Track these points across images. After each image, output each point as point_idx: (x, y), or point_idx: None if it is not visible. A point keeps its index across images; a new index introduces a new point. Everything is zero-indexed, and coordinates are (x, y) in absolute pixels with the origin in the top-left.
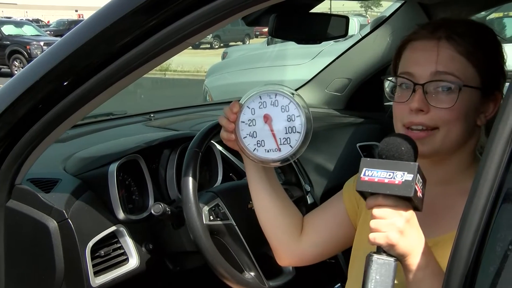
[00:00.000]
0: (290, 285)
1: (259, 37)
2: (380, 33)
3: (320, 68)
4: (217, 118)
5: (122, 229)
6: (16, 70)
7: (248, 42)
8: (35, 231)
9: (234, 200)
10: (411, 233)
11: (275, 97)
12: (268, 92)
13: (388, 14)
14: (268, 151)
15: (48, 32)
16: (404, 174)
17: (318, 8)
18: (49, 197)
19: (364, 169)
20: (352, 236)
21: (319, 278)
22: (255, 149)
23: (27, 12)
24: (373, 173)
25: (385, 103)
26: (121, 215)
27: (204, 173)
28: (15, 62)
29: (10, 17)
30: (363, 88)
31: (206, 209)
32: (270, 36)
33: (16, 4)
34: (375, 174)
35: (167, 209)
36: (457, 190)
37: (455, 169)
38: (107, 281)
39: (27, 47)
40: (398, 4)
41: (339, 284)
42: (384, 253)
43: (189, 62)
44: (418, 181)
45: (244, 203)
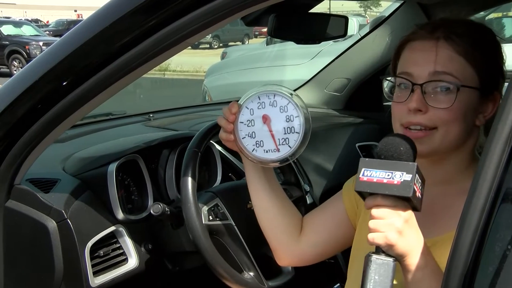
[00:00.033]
0: (290, 285)
1: (258, 37)
2: (379, 33)
3: (319, 68)
4: (216, 118)
5: (121, 229)
6: (15, 70)
7: (247, 42)
8: (34, 231)
9: (233, 200)
10: (410, 233)
11: (274, 98)
12: (267, 93)
13: (387, 14)
14: (267, 152)
15: (47, 32)
16: (403, 174)
17: (317, 8)
18: (48, 197)
19: (363, 169)
20: (352, 236)
21: (319, 278)
22: (254, 150)
23: (26, 12)
24: (372, 173)
25: (384, 103)
26: (120, 215)
27: (203, 173)
28: (14, 62)
29: (9, 17)
30: (362, 88)
31: (205, 209)
32: (269, 36)
33: (15, 4)
34: (374, 174)
35: (166, 209)
36: (456, 190)
37: (454, 169)
38: (106, 281)
39: (26, 47)
40: (397, 4)
41: (338, 284)
42: (383, 253)
43: (188, 62)
44: (417, 181)
45: (243, 203)
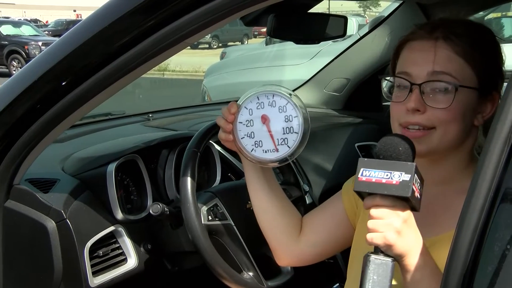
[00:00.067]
0: (289, 285)
1: (258, 37)
2: (379, 33)
3: (319, 68)
4: (215, 119)
5: (121, 229)
6: (14, 70)
7: (247, 42)
8: (34, 232)
9: (233, 200)
10: (409, 234)
11: (273, 98)
12: (266, 93)
13: (387, 14)
14: (266, 152)
15: (46, 32)
16: (402, 174)
17: (317, 8)
18: (48, 197)
19: (362, 169)
20: (351, 236)
21: (318, 278)
22: (253, 150)
23: (25, 12)
24: (371, 173)
25: (384, 103)
26: (120, 215)
27: (203, 173)
28: (13, 62)
29: (8, 17)
30: (362, 88)
31: (205, 209)
32: (269, 36)
33: (14, 4)
34: (373, 174)
35: (166, 209)
36: (455, 190)
37: (453, 169)
38: (106, 281)
39: (25, 47)
40: (397, 4)
41: (338, 284)
42: (382, 253)
43: (188, 62)
44: (416, 181)
45: (243, 203)
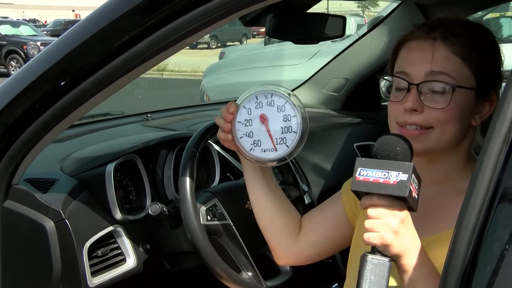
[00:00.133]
0: (288, 285)
1: (257, 37)
2: (377, 33)
3: (317, 68)
4: (214, 118)
5: (120, 229)
6: (13, 70)
7: (246, 42)
8: (32, 232)
9: (232, 200)
10: (406, 234)
11: (271, 97)
12: (264, 92)
13: (385, 14)
14: (265, 151)
15: (45, 32)
16: (399, 174)
17: (315, 8)
18: (46, 198)
19: (359, 169)
20: (351, 236)
21: (317, 278)
22: (252, 149)
23: (24, 12)
24: (368, 173)
25: (382, 103)
26: (118, 215)
27: (202, 173)
28: (12, 62)
29: (7, 17)
30: (360, 88)
31: (204, 209)
32: (267, 36)
33: (13, 4)
34: (370, 174)
35: (165, 209)
36: (453, 189)
37: (451, 168)
38: (105, 281)
39: (24, 47)
40: (395, 4)
41: (337, 284)
42: (379, 253)
43: (187, 62)
44: (413, 181)
45: (242, 203)
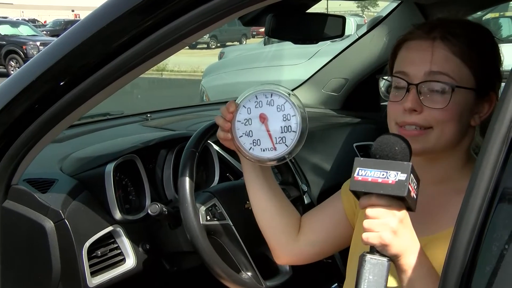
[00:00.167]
0: (287, 285)
1: (256, 37)
2: (377, 33)
3: (317, 68)
4: (214, 118)
5: (119, 229)
6: (12, 70)
7: (245, 42)
8: (32, 232)
9: (231, 200)
10: (404, 233)
11: (271, 97)
12: (264, 92)
13: (385, 14)
14: (264, 150)
15: (45, 32)
16: (398, 174)
17: (315, 8)
18: (46, 198)
19: (358, 169)
20: (350, 236)
21: (316, 278)
22: (251, 148)
23: (23, 12)
24: (367, 173)
25: (382, 103)
26: (118, 215)
27: (201, 173)
28: (11, 62)
29: (6, 17)
30: (360, 88)
31: (203, 209)
32: (267, 36)
33: (12, 4)
34: (369, 174)
35: (164, 209)
36: (452, 189)
37: (450, 168)
38: (104, 282)
39: (23, 47)
40: (395, 4)
41: (336, 284)
42: (378, 253)
43: (186, 62)
44: (412, 181)
45: (241, 203)
